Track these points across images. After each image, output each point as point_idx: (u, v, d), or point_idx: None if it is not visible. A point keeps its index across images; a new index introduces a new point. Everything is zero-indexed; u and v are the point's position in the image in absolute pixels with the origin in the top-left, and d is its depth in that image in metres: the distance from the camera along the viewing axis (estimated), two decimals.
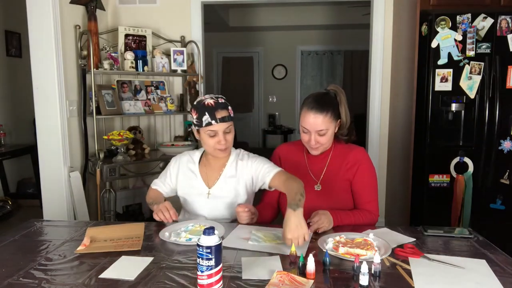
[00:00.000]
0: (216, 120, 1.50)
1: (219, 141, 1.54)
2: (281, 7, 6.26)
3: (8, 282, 1.09)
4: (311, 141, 1.57)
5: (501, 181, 2.53)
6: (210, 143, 1.55)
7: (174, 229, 1.47)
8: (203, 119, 1.51)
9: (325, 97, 1.61)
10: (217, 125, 1.51)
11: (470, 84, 2.48)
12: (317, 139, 1.57)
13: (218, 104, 1.52)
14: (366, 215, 1.59)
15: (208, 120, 1.50)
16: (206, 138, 1.55)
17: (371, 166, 1.66)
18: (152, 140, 3.33)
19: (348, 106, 1.65)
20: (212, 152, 1.59)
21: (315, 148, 1.61)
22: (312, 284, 1.06)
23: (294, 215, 1.30)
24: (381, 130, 3.29)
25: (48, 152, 2.68)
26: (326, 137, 1.58)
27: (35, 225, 1.58)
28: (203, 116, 1.50)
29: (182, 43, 3.29)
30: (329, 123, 1.56)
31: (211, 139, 1.54)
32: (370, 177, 1.64)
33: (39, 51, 2.60)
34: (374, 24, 3.21)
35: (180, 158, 1.74)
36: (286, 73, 7.31)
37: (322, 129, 1.55)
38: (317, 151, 1.63)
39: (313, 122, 1.54)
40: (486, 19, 2.43)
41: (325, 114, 1.54)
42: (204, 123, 1.51)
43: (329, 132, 1.58)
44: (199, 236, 1.28)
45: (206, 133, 1.54)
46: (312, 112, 1.54)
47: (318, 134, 1.56)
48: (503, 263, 1.20)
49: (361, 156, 1.65)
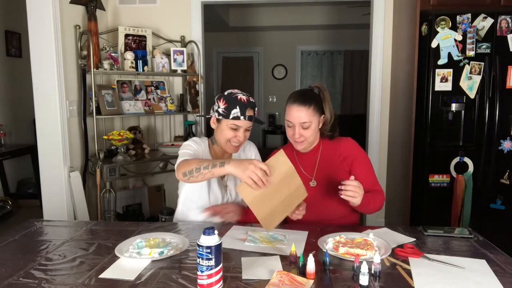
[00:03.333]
0: (244, 117, 1.54)
1: (237, 136, 1.57)
2: (281, 7, 6.26)
3: (8, 282, 1.09)
4: (295, 134, 1.59)
5: (501, 181, 2.53)
6: (228, 136, 1.57)
7: (124, 248, 1.32)
8: (232, 111, 1.53)
9: (308, 92, 1.65)
10: (243, 121, 1.55)
11: (470, 84, 2.48)
12: (300, 132, 1.59)
13: (250, 102, 1.56)
14: (378, 195, 1.60)
15: (238, 114, 1.53)
16: (226, 130, 1.57)
17: (363, 152, 1.70)
18: (152, 140, 3.33)
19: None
20: (225, 145, 1.61)
21: (299, 142, 1.62)
22: (312, 284, 1.06)
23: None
24: (381, 130, 3.29)
25: (48, 152, 2.68)
26: (310, 131, 1.60)
27: (35, 225, 1.58)
28: (233, 108, 1.53)
29: (182, 43, 3.29)
30: (312, 116, 1.58)
31: (231, 132, 1.57)
32: (367, 163, 1.68)
33: (39, 51, 2.59)
34: (374, 24, 3.21)
35: (197, 142, 1.65)
36: (286, 73, 7.31)
37: (305, 121, 1.57)
38: (302, 146, 1.63)
39: (296, 115, 1.57)
40: (486, 19, 2.43)
41: (307, 107, 1.57)
42: (232, 115, 1.53)
43: (312, 126, 1.59)
44: (165, 249, 1.29)
45: (229, 125, 1.56)
46: (295, 105, 1.58)
47: (302, 127, 1.58)
48: (503, 263, 1.20)
49: (352, 146, 1.68)
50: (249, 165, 1.26)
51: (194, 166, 1.37)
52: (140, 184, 3.37)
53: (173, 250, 1.30)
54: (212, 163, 1.34)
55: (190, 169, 1.38)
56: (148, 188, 3.32)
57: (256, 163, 1.27)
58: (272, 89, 7.38)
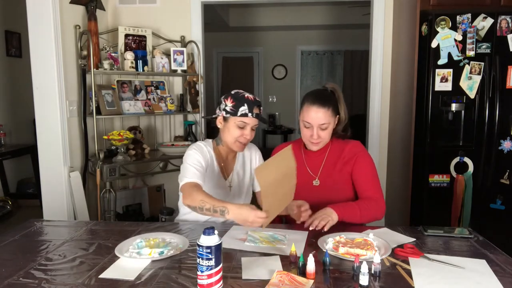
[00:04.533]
0: (252, 114, 1.56)
1: (244, 135, 1.58)
2: (281, 7, 6.27)
3: (8, 282, 1.09)
4: (313, 135, 1.60)
5: (501, 181, 2.53)
6: (235, 134, 1.59)
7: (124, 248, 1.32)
8: (240, 109, 1.54)
9: (325, 93, 1.66)
10: (251, 119, 1.57)
11: (470, 84, 2.48)
12: (318, 133, 1.60)
13: (256, 101, 1.59)
14: (371, 203, 1.58)
15: (245, 112, 1.54)
16: (233, 128, 1.58)
17: (369, 157, 1.69)
18: (152, 140, 3.33)
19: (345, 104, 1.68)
20: (232, 144, 1.62)
21: (316, 143, 1.64)
22: (312, 284, 1.06)
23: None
24: (381, 130, 3.29)
25: (48, 152, 2.68)
26: (327, 132, 1.62)
27: (35, 225, 1.58)
28: (241, 106, 1.55)
29: (182, 43, 3.29)
30: (330, 118, 1.60)
31: (238, 130, 1.58)
32: (369, 166, 1.66)
33: (39, 51, 2.59)
34: (374, 24, 3.21)
35: (200, 150, 1.62)
36: (286, 73, 7.31)
37: (324, 123, 1.58)
38: (317, 146, 1.66)
39: (315, 116, 1.58)
40: (486, 19, 2.43)
41: (326, 109, 1.58)
42: (240, 112, 1.55)
43: (329, 127, 1.62)
44: (165, 249, 1.29)
45: (236, 123, 1.57)
46: (314, 106, 1.58)
47: (320, 128, 1.60)
48: (503, 263, 1.20)
49: (357, 148, 1.68)
50: (248, 216, 1.28)
51: (197, 204, 1.40)
52: (140, 184, 3.37)
53: (173, 250, 1.30)
54: (213, 207, 1.35)
55: (193, 206, 1.41)
56: (148, 188, 3.32)
57: (254, 215, 1.27)
58: (272, 89, 7.39)
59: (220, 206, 1.34)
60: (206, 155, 1.62)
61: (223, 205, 1.34)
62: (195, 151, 1.60)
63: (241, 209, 1.31)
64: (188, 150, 1.62)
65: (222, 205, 1.34)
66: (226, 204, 1.34)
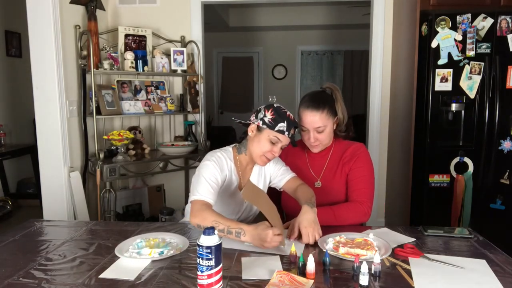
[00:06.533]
0: (289, 133, 1.49)
1: (273, 151, 1.51)
2: (281, 7, 6.26)
3: (8, 282, 1.09)
4: (310, 139, 1.60)
5: (501, 181, 2.53)
6: (265, 148, 1.51)
7: (124, 248, 1.32)
8: (279, 124, 1.47)
9: (321, 94, 1.64)
10: (285, 137, 1.49)
11: (470, 84, 2.48)
12: (316, 136, 1.60)
13: (295, 122, 1.53)
14: (350, 207, 1.56)
15: (284, 129, 1.47)
16: (265, 141, 1.50)
17: (367, 159, 1.66)
18: (152, 140, 3.33)
19: (344, 103, 1.66)
20: (258, 157, 1.54)
21: (315, 146, 1.64)
22: (312, 284, 1.06)
23: (313, 211, 1.38)
24: (381, 130, 3.29)
25: (48, 152, 2.68)
26: (325, 134, 1.61)
27: (35, 225, 1.58)
28: (281, 122, 1.47)
29: (182, 43, 3.29)
30: (326, 120, 1.58)
31: (269, 145, 1.50)
32: (363, 168, 1.63)
33: (39, 51, 2.59)
34: (374, 24, 3.21)
35: (219, 160, 1.54)
36: (286, 73, 7.31)
37: (319, 126, 1.58)
38: (318, 149, 1.66)
39: (310, 120, 1.57)
40: (486, 19, 2.43)
41: (321, 111, 1.57)
42: (277, 128, 1.47)
43: (327, 129, 1.60)
44: (165, 249, 1.28)
45: (270, 137, 1.49)
46: (308, 110, 1.58)
47: (317, 131, 1.59)
48: (503, 263, 1.20)
49: (358, 150, 1.67)
50: (266, 237, 1.24)
51: (209, 225, 1.32)
52: (140, 184, 3.37)
53: (173, 250, 1.30)
54: (228, 228, 1.31)
55: (204, 225, 1.34)
56: (148, 188, 3.32)
57: (271, 234, 1.24)
58: (272, 89, 7.38)
59: (236, 228, 1.30)
60: (225, 169, 1.54)
61: (239, 227, 1.30)
62: (214, 164, 1.50)
63: (257, 229, 1.27)
64: (206, 160, 1.52)
65: (238, 226, 1.30)
66: (242, 225, 1.31)
